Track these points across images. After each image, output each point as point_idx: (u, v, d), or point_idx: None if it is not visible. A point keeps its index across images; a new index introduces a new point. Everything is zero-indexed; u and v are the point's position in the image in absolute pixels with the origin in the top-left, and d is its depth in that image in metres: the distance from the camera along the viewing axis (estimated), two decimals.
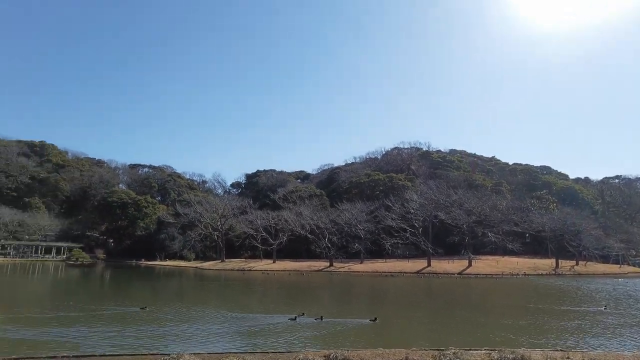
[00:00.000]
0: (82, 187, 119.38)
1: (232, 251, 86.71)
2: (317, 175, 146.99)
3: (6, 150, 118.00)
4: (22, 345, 13.10)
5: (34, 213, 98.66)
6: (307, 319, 19.00)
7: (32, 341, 13.84)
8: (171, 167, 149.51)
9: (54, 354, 10.69)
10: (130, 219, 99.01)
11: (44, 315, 19.80)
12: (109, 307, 23.02)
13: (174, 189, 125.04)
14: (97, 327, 16.63)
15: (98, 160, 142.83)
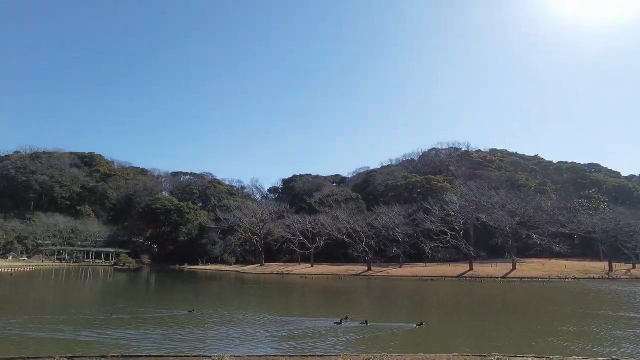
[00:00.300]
0: (127, 195, 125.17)
1: (270, 255, 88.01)
2: (353, 178, 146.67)
3: (60, 162, 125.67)
4: (77, 344, 13.80)
5: (85, 220, 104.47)
6: (351, 323, 18.89)
7: (86, 341, 14.56)
8: (211, 174, 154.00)
9: (104, 353, 11.31)
10: (174, 225, 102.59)
11: (96, 317, 20.77)
12: (157, 310, 23.85)
13: (214, 195, 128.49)
14: (145, 330, 17.23)
15: (142, 169, 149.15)
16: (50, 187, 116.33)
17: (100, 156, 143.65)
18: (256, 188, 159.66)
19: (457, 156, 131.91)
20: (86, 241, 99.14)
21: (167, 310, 23.79)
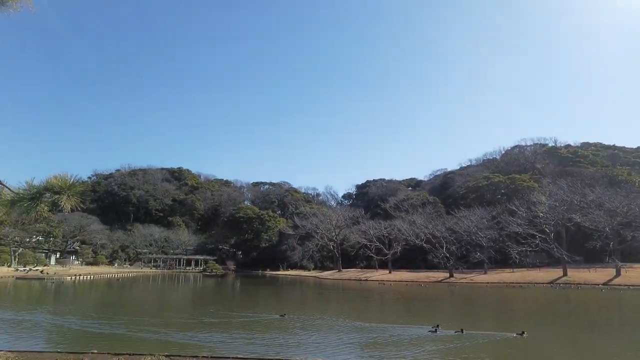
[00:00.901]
0: (213, 206, 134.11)
1: (347, 261, 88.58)
2: (429, 181, 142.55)
3: (153, 177, 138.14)
4: (172, 346, 14.99)
5: (176, 230, 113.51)
6: (445, 332, 18.46)
7: (179, 343, 15.72)
8: (288, 182, 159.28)
9: (195, 354, 12.41)
10: (255, 232, 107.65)
11: (188, 320, 22.47)
12: (248, 314, 24.93)
13: (291, 202, 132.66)
14: (237, 333, 18.12)
15: (225, 181, 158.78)
16: (145, 201, 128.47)
17: (187, 170, 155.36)
18: (330, 195, 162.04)
19: (543, 152, 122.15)
20: (178, 249, 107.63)
21: (258, 315, 24.78)
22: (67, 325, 19.64)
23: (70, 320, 20.94)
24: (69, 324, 19.95)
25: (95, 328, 18.57)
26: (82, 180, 3.33)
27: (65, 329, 18.66)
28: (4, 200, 3.40)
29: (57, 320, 20.94)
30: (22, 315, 22.75)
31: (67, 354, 10.75)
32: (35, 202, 3.24)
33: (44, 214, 3.89)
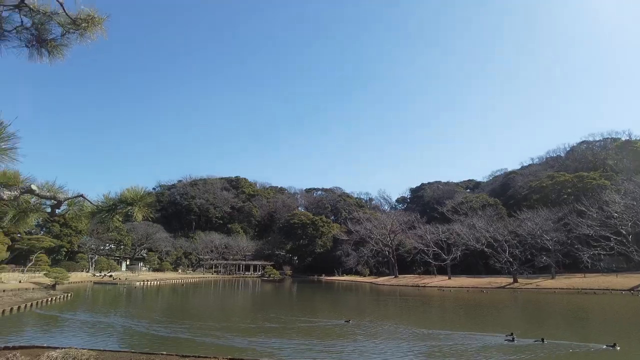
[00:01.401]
0: (269, 212, 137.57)
1: (404, 267, 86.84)
2: (489, 182, 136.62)
3: (213, 187, 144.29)
4: (233, 351, 15.38)
5: (235, 237, 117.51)
6: (523, 340, 17.53)
7: (239, 348, 16.15)
8: (340, 188, 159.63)
9: (256, 358, 12.67)
10: (310, 237, 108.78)
11: (249, 325, 23.02)
12: (309, 319, 25.18)
13: (344, 208, 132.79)
14: (295, 339, 18.29)
15: (280, 188, 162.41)
16: (206, 209, 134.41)
17: (244, 179, 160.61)
18: (384, 199, 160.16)
19: (615, 147, 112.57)
20: (237, 255, 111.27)
21: (320, 320, 24.89)
22: (135, 327, 20.94)
23: (139, 323, 22.31)
24: (138, 326, 21.25)
25: (161, 331, 19.62)
26: (150, 192, 3.60)
27: (134, 332, 19.91)
28: (86, 212, 3.76)
29: (127, 323, 22.41)
30: (99, 317, 24.60)
31: (140, 354, 11.49)
32: (111, 213, 3.55)
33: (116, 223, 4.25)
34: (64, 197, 3.63)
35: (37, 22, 4.44)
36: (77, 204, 3.72)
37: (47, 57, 4.52)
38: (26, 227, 4.35)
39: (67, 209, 3.76)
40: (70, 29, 4.52)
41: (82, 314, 26.09)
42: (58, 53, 4.56)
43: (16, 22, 4.34)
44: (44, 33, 4.49)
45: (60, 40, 4.56)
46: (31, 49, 4.47)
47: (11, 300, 27.97)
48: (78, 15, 4.40)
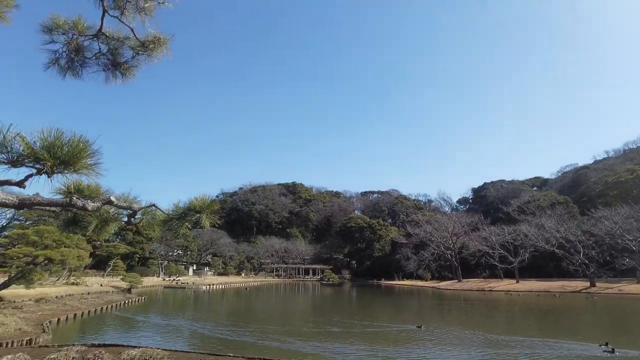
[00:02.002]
0: (326, 216, 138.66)
1: (468, 270, 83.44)
2: (558, 179, 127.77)
3: (271, 193, 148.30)
4: (298, 355, 15.62)
5: (294, 241, 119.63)
6: (625, 351, 15.82)
7: (301, 352, 16.21)
8: (397, 190, 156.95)
9: None
10: (367, 241, 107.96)
11: (312, 329, 23.01)
12: (373, 323, 24.82)
13: (402, 210, 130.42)
14: (357, 344, 17.94)
15: (336, 192, 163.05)
16: (266, 215, 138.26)
17: (301, 184, 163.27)
18: (444, 200, 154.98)
19: None
20: (296, 259, 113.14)
21: (387, 325, 24.42)
22: (201, 330, 21.85)
23: (204, 326, 23.26)
24: (203, 329, 22.16)
25: (226, 335, 20.26)
26: (216, 199, 3.82)
27: (200, 334, 20.76)
28: (158, 221, 4.03)
29: (194, 326, 23.46)
30: (168, 320, 26.04)
31: (208, 355, 12.02)
32: (181, 221, 3.78)
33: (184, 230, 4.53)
34: (138, 207, 3.90)
35: (112, 47, 4.87)
36: (150, 213, 3.99)
37: (121, 78, 4.95)
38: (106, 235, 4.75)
39: (142, 217, 4.05)
40: (140, 51, 4.91)
41: (153, 316, 27.80)
42: (130, 74, 4.97)
43: (95, 50, 4.80)
44: (117, 57, 4.91)
45: (131, 62, 4.96)
46: (107, 73, 4.92)
47: (95, 302, 30.50)
48: (146, 38, 4.78)
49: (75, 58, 4.71)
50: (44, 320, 19.32)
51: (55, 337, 16.93)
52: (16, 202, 2.83)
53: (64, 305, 26.13)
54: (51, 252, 27.70)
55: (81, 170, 2.34)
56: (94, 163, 2.35)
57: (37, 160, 2.18)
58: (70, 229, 4.44)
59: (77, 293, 33.12)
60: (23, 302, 24.36)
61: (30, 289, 28.33)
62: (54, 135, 2.16)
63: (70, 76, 4.72)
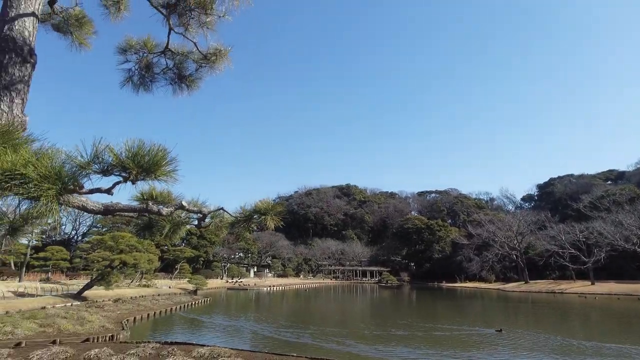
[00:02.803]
0: (381, 218, 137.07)
1: (535, 271, 78.71)
2: (636, 171, 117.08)
3: (326, 195, 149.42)
4: (357, 359, 15.62)
5: (349, 243, 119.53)
6: None
7: (365, 357, 15.97)
8: (456, 189, 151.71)
9: None
10: (426, 243, 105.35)
11: (375, 332, 22.57)
12: (451, 327, 24.03)
13: (462, 210, 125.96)
14: (424, 348, 17.27)
15: (391, 193, 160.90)
16: (321, 217, 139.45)
17: (355, 186, 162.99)
18: (507, 198, 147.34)
19: None
20: (353, 261, 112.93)
21: (462, 328, 23.52)
22: (262, 332, 22.31)
23: (265, 327, 23.79)
24: (264, 330, 22.66)
25: (286, 336, 20.47)
26: (280, 202, 3.97)
27: (261, 336, 21.18)
28: (226, 223, 4.25)
29: (255, 327, 24.06)
30: (231, 321, 26.97)
31: (272, 354, 12.35)
32: (248, 223, 3.96)
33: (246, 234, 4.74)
34: (207, 211, 4.13)
35: (177, 62, 5.23)
36: (218, 216, 4.22)
37: (187, 90, 5.30)
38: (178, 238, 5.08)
39: (210, 221, 4.28)
40: (202, 63, 5.22)
41: (218, 317, 28.97)
42: (194, 86, 5.30)
43: (162, 65, 5.18)
44: (182, 70, 5.26)
45: (195, 75, 5.29)
46: (174, 86, 5.28)
47: (165, 302, 32.41)
48: (208, 51, 5.08)
49: (146, 74, 5.11)
50: (122, 319, 20.86)
51: (133, 334, 18.19)
52: (102, 208, 3.12)
53: (138, 306, 28.00)
54: (125, 256, 29.90)
55: (161, 176, 2.55)
56: (171, 170, 2.56)
57: (123, 169, 2.42)
58: (145, 234, 4.79)
59: (149, 294, 35.36)
60: (104, 302, 26.43)
61: (109, 290, 30.72)
62: (137, 145, 2.39)
63: (143, 91, 5.14)
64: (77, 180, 2.30)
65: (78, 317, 18.50)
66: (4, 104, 3.07)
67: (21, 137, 2.42)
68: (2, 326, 15.01)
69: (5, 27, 3.29)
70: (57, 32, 5.27)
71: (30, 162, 2.11)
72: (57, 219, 5.50)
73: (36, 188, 2.09)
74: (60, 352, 11.31)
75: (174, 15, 4.78)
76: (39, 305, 21.93)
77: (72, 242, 62.21)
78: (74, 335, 15.36)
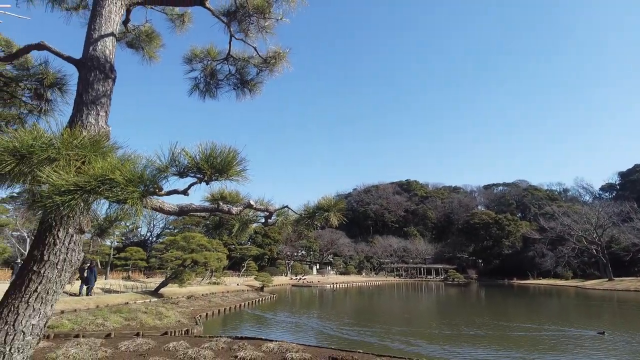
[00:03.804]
0: (445, 213, 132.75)
1: (620, 268, 72.00)
2: None
3: (385, 192, 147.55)
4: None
5: (412, 240, 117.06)
6: None
7: (439, 358, 15.52)
8: (525, 180, 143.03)
9: None
10: (494, 238, 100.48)
11: (441, 331, 21.68)
12: (533, 326, 22.78)
13: (532, 203, 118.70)
14: (507, 349, 16.18)
15: (454, 187, 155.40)
16: (381, 214, 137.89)
17: (415, 181, 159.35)
18: (583, 188, 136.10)
19: None
20: (416, 258, 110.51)
21: (552, 328, 21.94)
22: (326, 330, 22.28)
23: (330, 325, 23.79)
24: (328, 328, 22.67)
25: (350, 335, 20.10)
26: (342, 199, 4.01)
27: (326, 334, 21.08)
28: (290, 221, 4.36)
29: (319, 324, 24.21)
30: (296, 318, 27.39)
31: (339, 350, 12.46)
32: (312, 220, 4.04)
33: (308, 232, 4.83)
34: (273, 209, 4.27)
35: (239, 67, 5.48)
36: (283, 214, 4.35)
37: (249, 94, 5.53)
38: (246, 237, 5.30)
39: (276, 219, 4.43)
40: (263, 67, 5.43)
41: (284, 314, 29.68)
42: (256, 90, 5.53)
43: (225, 72, 5.46)
44: (244, 75, 5.50)
45: (256, 79, 5.52)
46: (237, 91, 5.54)
47: (234, 299, 33.86)
48: (267, 54, 5.27)
49: (211, 81, 5.41)
50: (195, 314, 22.09)
51: (205, 329, 19.21)
52: (177, 209, 3.35)
53: (209, 302, 29.51)
54: (196, 255, 31.61)
55: (232, 176, 2.70)
56: (241, 169, 2.69)
57: (198, 170, 2.60)
58: (215, 233, 5.04)
59: (219, 291, 37.10)
60: (178, 299, 28.19)
61: (183, 288, 32.68)
62: (209, 147, 2.55)
63: (209, 98, 5.44)
64: (157, 183, 2.49)
65: (156, 312, 19.87)
66: (91, 117, 3.40)
67: (107, 145, 2.66)
68: (94, 319, 16.60)
69: (90, 47, 3.63)
70: (130, 49, 5.73)
71: (116, 167, 2.32)
72: (136, 221, 6.11)
73: (122, 191, 2.29)
74: (143, 344, 12.25)
75: (234, 22, 4.99)
76: (122, 301, 23.85)
77: (147, 243, 66.85)
78: (154, 328, 16.54)
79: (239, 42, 5.20)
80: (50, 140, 2.34)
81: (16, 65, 5.06)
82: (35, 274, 3.08)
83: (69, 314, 18.01)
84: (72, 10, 5.18)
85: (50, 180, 2.08)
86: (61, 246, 3.14)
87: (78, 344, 11.79)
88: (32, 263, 3.12)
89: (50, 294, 3.13)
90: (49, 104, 5.00)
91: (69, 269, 3.20)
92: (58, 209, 2.03)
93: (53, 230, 3.08)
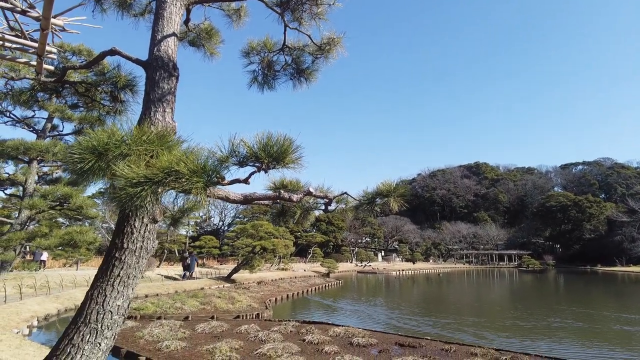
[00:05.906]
0: (518, 197, 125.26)
1: None
2: None
3: (452, 176, 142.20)
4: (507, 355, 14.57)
5: (482, 225, 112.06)
6: None
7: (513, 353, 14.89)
8: (610, 158, 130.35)
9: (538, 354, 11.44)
10: (574, 222, 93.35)
11: (517, 323, 20.67)
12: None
13: (619, 182, 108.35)
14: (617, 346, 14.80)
15: (528, 168, 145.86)
16: (448, 199, 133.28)
17: (485, 164, 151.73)
18: None
19: None
20: (487, 244, 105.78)
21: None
22: (392, 318, 21.79)
23: (396, 313, 23.49)
24: (395, 316, 22.38)
25: (419, 325, 19.29)
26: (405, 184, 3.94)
27: (394, 322, 20.55)
28: (350, 207, 4.36)
29: (386, 312, 23.87)
30: (361, 305, 27.18)
31: (405, 337, 12.38)
32: (371, 206, 4.01)
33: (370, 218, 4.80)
34: (332, 196, 4.30)
35: (294, 57, 5.53)
36: (343, 200, 4.36)
37: (306, 83, 5.58)
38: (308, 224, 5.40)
39: (336, 206, 4.46)
40: (318, 54, 5.43)
41: (350, 300, 29.91)
42: (312, 78, 5.56)
43: (282, 62, 5.54)
44: (300, 64, 5.55)
45: (312, 67, 5.54)
46: (294, 80, 5.61)
47: (301, 284, 34.82)
48: (322, 41, 5.25)
49: (268, 73, 5.53)
50: (265, 299, 23.04)
51: (275, 313, 19.98)
52: (241, 198, 3.49)
53: (277, 287, 30.60)
54: (265, 243, 32.82)
55: (289, 163, 2.77)
56: (297, 157, 2.75)
57: (256, 159, 2.69)
58: (279, 220, 5.19)
59: (287, 277, 38.33)
60: (249, 284, 29.53)
61: (253, 274, 34.19)
62: (266, 137, 2.64)
63: (267, 89, 5.58)
64: (219, 173, 2.62)
65: (229, 297, 21.01)
66: (158, 113, 3.63)
67: (173, 139, 2.83)
68: (174, 302, 17.96)
69: (154, 48, 3.86)
70: (192, 47, 6.01)
71: (181, 159, 2.47)
72: (207, 210, 6.30)
73: (187, 182, 2.44)
74: (217, 326, 13.05)
75: (287, 12, 5.03)
76: (198, 287, 25.49)
77: (220, 231, 70.59)
78: (227, 312, 17.53)
79: (293, 31, 5.24)
80: (122, 138, 2.56)
81: (95, 72, 5.55)
82: (117, 260, 3.41)
83: (152, 298, 19.73)
84: (139, 15, 5.54)
85: (123, 174, 2.27)
86: (137, 235, 3.44)
87: (160, 325, 12.92)
88: (114, 250, 3.46)
89: (130, 279, 3.45)
90: (122, 105, 5.42)
91: (145, 256, 3.50)
92: (131, 199, 2.21)
93: (130, 220, 3.39)
